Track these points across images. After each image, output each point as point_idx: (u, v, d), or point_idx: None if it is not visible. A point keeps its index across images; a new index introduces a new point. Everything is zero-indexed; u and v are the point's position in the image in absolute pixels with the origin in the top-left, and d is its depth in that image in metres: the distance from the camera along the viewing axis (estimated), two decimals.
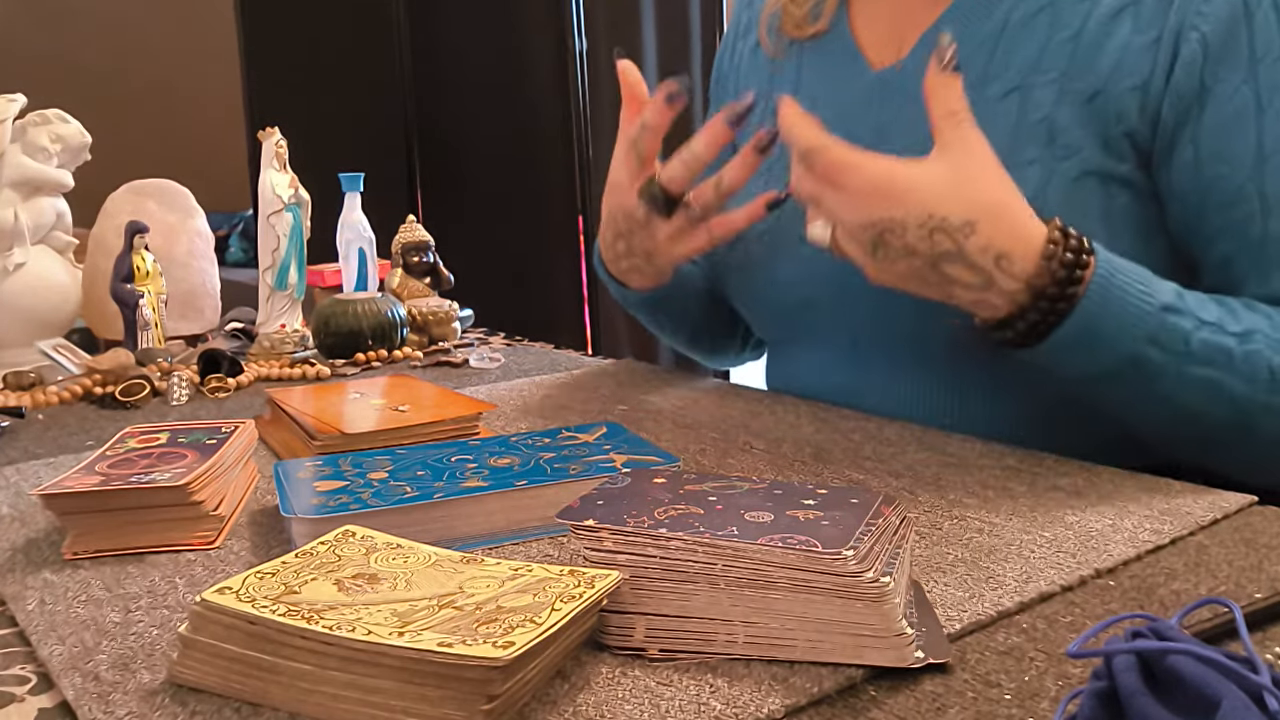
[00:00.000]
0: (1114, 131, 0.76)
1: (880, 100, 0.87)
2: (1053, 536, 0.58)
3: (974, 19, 0.82)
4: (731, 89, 1.04)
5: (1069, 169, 0.76)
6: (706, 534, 0.45)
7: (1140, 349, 0.67)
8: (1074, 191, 0.76)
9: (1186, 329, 0.68)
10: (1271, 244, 0.73)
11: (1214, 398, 0.69)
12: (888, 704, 0.42)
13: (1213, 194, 0.75)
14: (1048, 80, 0.78)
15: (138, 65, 4.10)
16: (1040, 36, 0.79)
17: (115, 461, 0.64)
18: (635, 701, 0.42)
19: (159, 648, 0.48)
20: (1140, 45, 0.75)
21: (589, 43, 2.86)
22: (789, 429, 0.82)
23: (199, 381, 1.04)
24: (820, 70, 0.93)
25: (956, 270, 0.67)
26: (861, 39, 0.91)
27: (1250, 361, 0.69)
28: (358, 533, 0.53)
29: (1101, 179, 0.76)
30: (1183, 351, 0.68)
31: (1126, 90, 0.75)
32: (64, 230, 1.24)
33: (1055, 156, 0.77)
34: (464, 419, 0.78)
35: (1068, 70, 0.77)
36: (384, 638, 0.40)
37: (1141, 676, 0.34)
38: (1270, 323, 0.71)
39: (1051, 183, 0.76)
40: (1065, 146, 0.76)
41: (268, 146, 1.17)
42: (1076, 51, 0.77)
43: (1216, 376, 0.69)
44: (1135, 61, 0.75)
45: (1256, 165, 0.73)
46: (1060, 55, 0.78)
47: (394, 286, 1.30)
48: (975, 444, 0.76)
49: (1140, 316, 0.67)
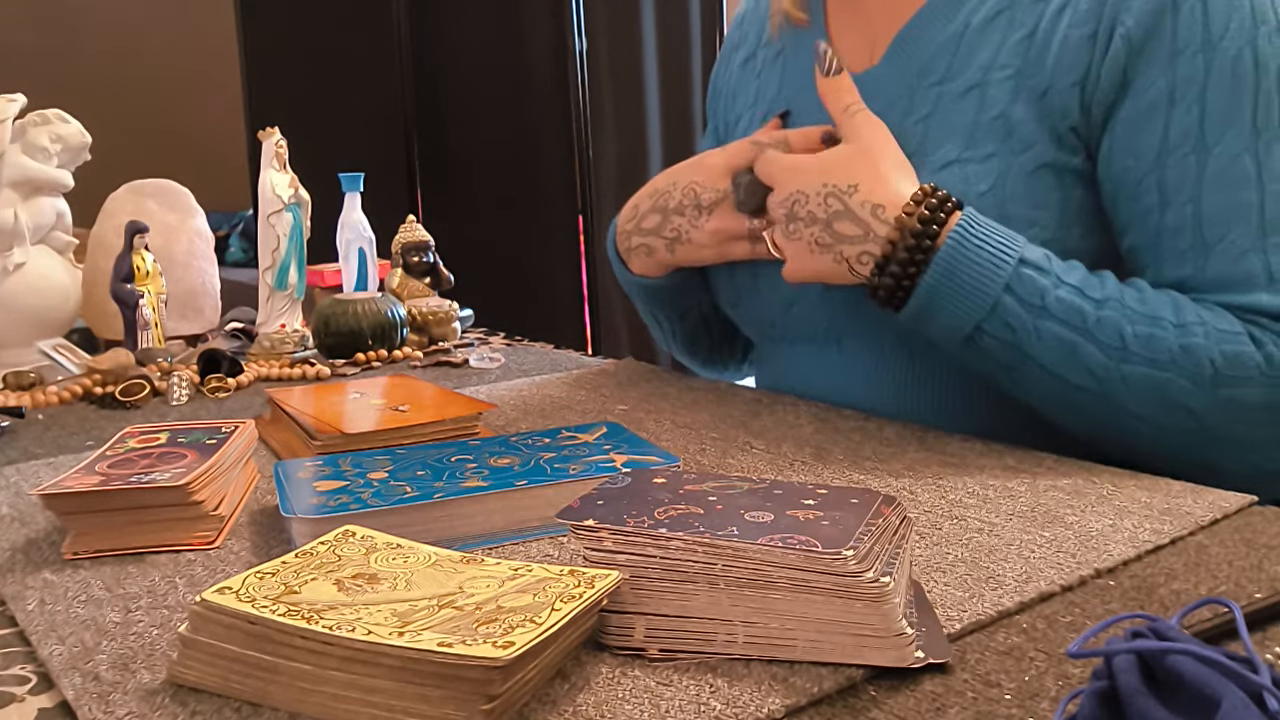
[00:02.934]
0: (1061, 126, 0.78)
1: None
2: (1053, 536, 0.58)
3: (938, 21, 0.85)
4: (723, 103, 1.08)
5: (1025, 162, 0.79)
6: (706, 534, 0.45)
7: (999, 296, 0.72)
8: (1031, 183, 0.78)
9: (1044, 285, 0.72)
10: (1166, 235, 0.75)
11: (1070, 361, 0.72)
12: (888, 704, 0.42)
13: (1122, 185, 0.77)
14: (1004, 78, 0.80)
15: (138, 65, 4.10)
16: (998, 37, 0.82)
17: (115, 461, 0.64)
18: (635, 701, 0.42)
19: (159, 648, 0.48)
20: (1077, 40, 0.77)
21: (589, 43, 2.86)
22: (789, 429, 0.82)
23: (199, 381, 1.04)
24: (799, 75, 0.96)
25: (844, 226, 0.76)
26: (837, 44, 0.94)
27: (1104, 326, 0.71)
28: (358, 533, 0.53)
29: (1056, 172, 0.79)
30: (1039, 306, 0.72)
31: (1068, 86, 0.78)
32: (64, 230, 1.24)
33: (1012, 150, 0.79)
34: (464, 419, 0.78)
35: (1022, 68, 0.80)
36: (384, 638, 0.40)
37: (1141, 676, 0.34)
38: (1137, 295, 0.73)
39: (1009, 175, 0.79)
40: (1021, 140, 0.79)
41: (268, 146, 1.17)
42: (1030, 50, 0.80)
43: (1070, 337, 0.72)
44: (1073, 57, 0.77)
45: (1159, 158, 0.75)
46: (1015, 54, 0.80)
47: (394, 286, 1.30)
48: (975, 444, 0.76)
49: (998, 264, 0.72)
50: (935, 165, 0.81)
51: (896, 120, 0.84)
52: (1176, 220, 0.74)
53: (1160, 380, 0.71)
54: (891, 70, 0.87)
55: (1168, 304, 0.72)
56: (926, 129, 0.83)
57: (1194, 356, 0.70)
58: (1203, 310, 0.72)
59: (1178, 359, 0.70)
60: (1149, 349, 0.71)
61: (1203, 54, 0.73)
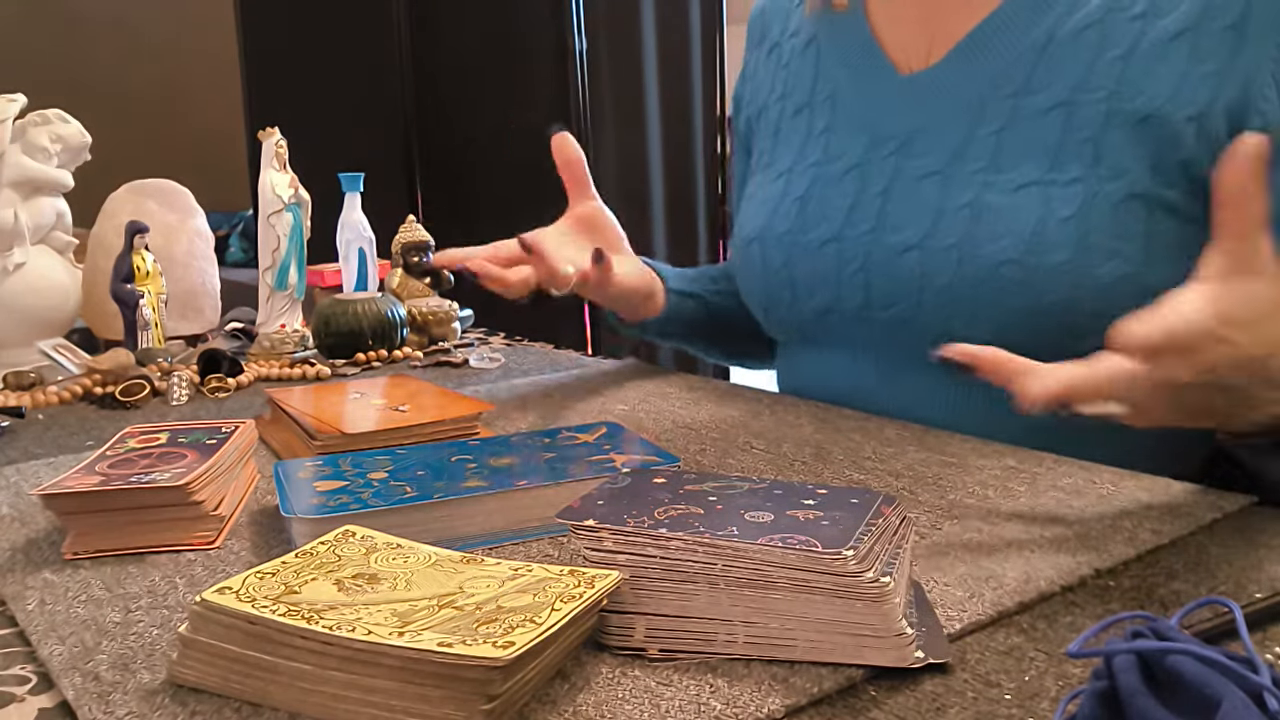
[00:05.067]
0: (1167, 159, 0.75)
1: (909, 107, 0.85)
2: (1053, 536, 0.58)
3: (1017, 28, 0.81)
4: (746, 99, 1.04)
5: (1114, 191, 0.75)
6: (706, 534, 0.45)
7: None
8: (1118, 213, 0.75)
9: None
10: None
11: None
12: (888, 704, 0.42)
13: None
14: (1096, 99, 0.76)
15: (138, 65, 4.10)
16: (1088, 53, 0.77)
17: (115, 461, 0.64)
18: (635, 701, 0.42)
19: (159, 648, 0.48)
20: (1199, 76, 0.73)
21: (589, 42, 2.86)
22: (789, 429, 0.82)
23: (199, 381, 1.04)
24: (839, 64, 0.91)
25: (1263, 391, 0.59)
26: (883, 37, 0.89)
27: None
28: (358, 533, 0.53)
29: (1147, 202, 0.75)
30: None
31: (1182, 120, 0.74)
32: (64, 230, 1.24)
33: (1100, 177, 0.75)
34: (464, 419, 0.78)
35: (1117, 90, 0.76)
36: (384, 638, 0.40)
37: (1142, 676, 0.34)
38: None
39: (1095, 203, 0.75)
40: (1111, 168, 0.75)
41: (268, 146, 1.17)
42: (1127, 72, 0.76)
43: None
44: (1193, 92, 0.73)
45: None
46: (1109, 74, 0.76)
47: (394, 286, 1.30)
48: (975, 444, 0.76)
49: None
50: (1012, 184, 0.77)
51: (965, 129, 0.79)
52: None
53: None
54: (957, 74, 0.82)
55: None
56: (1000, 142, 0.79)
57: None
58: None
59: None
60: None
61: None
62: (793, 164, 0.93)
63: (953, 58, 0.83)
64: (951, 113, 0.79)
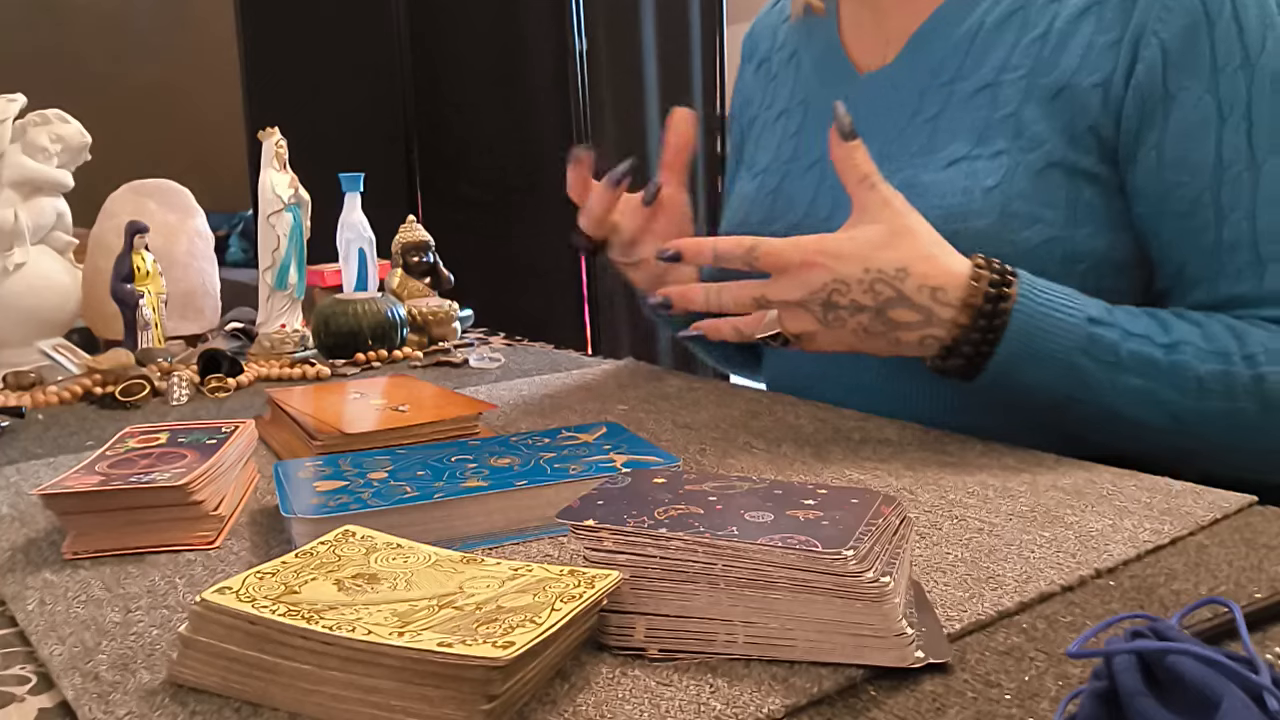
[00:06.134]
0: (1078, 126, 0.79)
1: (864, 103, 0.90)
2: (1053, 536, 0.58)
3: (953, 22, 0.87)
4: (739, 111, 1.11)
5: (1035, 160, 0.79)
6: (706, 534, 0.45)
7: (1074, 359, 0.71)
8: (1039, 181, 0.79)
9: (1114, 339, 0.72)
10: (1223, 252, 0.76)
11: (1150, 408, 0.73)
12: (888, 704, 0.42)
13: (1170, 200, 0.77)
14: (1016, 78, 0.81)
15: (138, 65, 4.11)
16: (1011, 37, 0.83)
17: (115, 461, 0.64)
18: (635, 701, 0.42)
19: (159, 648, 0.48)
20: (1102, 44, 0.78)
21: (589, 43, 2.86)
22: (789, 429, 0.82)
23: (199, 381, 1.04)
24: (812, 69, 0.98)
25: (900, 313, 0.72)
26: (848, 41, 0.95)
27: (1178, 371, 0.72)
28: (358, 533, 0.53)
29: (1066, 171, 0.79)
30: (1113, 362, 0.72)
31: (1089, 87, 0.78)
32: (64, 230, 1.24)
33: (1021, 148, 0.80)
34: (464, 419, 0.78)
35: (1034, 68, 0.81)
36: (384, 638, 0.40)
37: (1142, 676, 0.34)
38: (1200, 332, 0.74)
39: (1018, 172, 0.79)
40: (1031, 139, 0.80)
41: (268, 146, 1.17)
42: (1043, 51, 0.81)
43: (1148, 386, 0.72)
44: (1097, 60, 0.78)
45: (1214, 174, 0.75)
46: (1028, 54, 0.81)
47: (394, 286, 1.30)
48: (975, 444, 0.76)
49: (1069, 327, 0.72)
50: (942, 162, 0.82)
51: (903, 121, 0.84)
52: (1233, 237, 0.75)
53: (1234, 410, 0.72)
54: (904, 70, 0.88)
55: (1229, 336, 0.73)
56: (934, 128, 0.84)
57: (1264, 384, 0.72)
58: (1262, 335, 0.73)
59: (1250, 389, 0.72)
60: (1223, 384, 0.72)
61: (1243, 71, 0.74)
62: (769, 163, 0.99)
63: (902, 55, 0.89)
64: (898, 105, 0.86)
